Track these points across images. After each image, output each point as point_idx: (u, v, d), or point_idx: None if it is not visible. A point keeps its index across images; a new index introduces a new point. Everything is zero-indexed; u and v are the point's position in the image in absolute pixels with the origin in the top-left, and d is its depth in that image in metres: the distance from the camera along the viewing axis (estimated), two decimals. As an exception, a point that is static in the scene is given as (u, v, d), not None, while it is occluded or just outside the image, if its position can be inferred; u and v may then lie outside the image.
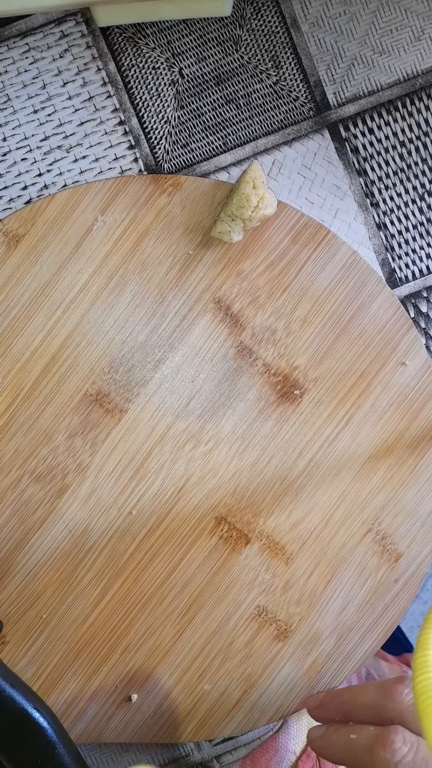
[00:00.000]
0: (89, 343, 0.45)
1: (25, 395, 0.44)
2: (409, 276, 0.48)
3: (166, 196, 0.44)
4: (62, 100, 0.46)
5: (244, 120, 0.47)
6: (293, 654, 0.46)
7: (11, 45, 0.45)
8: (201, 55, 0.46)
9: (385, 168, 0.47)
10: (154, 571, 0.46)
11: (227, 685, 0.46)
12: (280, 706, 0.47)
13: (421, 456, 0.46)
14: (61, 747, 0.37)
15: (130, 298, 0.45)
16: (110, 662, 0.46)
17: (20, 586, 0.45)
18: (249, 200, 0.41)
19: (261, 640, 0.46)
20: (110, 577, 0.45)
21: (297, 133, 0.47)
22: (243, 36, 0.46)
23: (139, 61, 0.46)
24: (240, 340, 0.45)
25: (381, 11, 0.46)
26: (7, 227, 0.44)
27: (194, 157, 0.47)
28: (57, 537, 0.45)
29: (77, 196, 0.44)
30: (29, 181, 0.46)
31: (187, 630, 0.46)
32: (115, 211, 0.44)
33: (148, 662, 0.46)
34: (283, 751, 0.48)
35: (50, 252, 0.44)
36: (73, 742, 0.37)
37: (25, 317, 0.44)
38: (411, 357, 0.45)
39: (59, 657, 0.46)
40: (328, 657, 0.47)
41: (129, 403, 0.45)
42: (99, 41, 0.45)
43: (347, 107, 0.47)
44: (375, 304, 0.45)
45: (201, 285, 0.45)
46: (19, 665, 0.45)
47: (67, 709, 0.46)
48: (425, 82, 0.47)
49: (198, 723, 0.47)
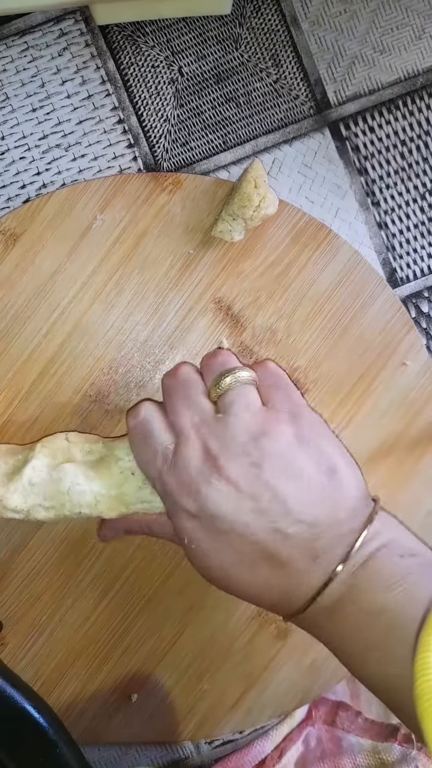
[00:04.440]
0: (89, 344, 0.44)
1: (23, 396, 0.44)
2: (410, 276, 0.47)
3: (166, 195, 0.44)
4: (61, 99, 0.45)
5: (244, 118, 0.46)
6: (293, 653, 0.46)
7: (10, 43, 0.45)
8: (200, 53, 0.46)
9: (386, 167, 0.47)
10: (154, 572, 0.46)
11: (227, 684, 0.47)
12: (279, 705, 0.47)
13: (420, 456, 0.46)
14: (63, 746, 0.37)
15: (130, 298, 0.44)
16: (110, 663, 0.46)
17: (20, 587, 0.45)
18: (251, 199, 0.41)
19: (261, 639, 0.46)
20: (110, 578, 0.45)
21: (297, 132, 0.46)
22: (243, 34, 0.46)
23: (138, 59, 0.46)
24: (240, 340, 0.45)
25: (381, 10, 0.46)
26: (5, 226, 0.44)
27: (194, 156, 0.46)
28: (57, 538, 0.45)
29: (76, 195, 0.44)
30: (27, 179, 0.46)
31: (187, 630, 0.46)
32: (114, 210, 0.44)
33: (148, 663, 0.46)
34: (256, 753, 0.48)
35: (49, 251, 0.44)
36: (74, 741, 0.37)
37: (23, 317, 0.44)
38: (412, 357, 0.45)
39: (59, 658, 0.46)
40: (328, 655, 0.46)
41: (129, 404, 0.45)
42: (98, 39, 0.45)
43: (348, 106, 0.46)
44: (376, 304, 0.45)
45: (201, 285, 0.44)
46: (19, 666, 0.45)
47: (67, 710, 0.46)
48: (426, 80, 0.46)
49: (198, 722, 0.47)
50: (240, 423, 0.35)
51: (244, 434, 0.35)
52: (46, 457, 0.39)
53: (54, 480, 0.38)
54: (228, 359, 0.38)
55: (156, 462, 0.36)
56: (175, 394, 0.37)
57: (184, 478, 0.35)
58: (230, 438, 0.35)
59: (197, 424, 0.36)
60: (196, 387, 0.37)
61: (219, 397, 0.37)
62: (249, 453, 0.34)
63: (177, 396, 0.37)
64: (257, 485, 0.34)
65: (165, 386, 0.38)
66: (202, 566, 0.36)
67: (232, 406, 0.36)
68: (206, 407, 0.36)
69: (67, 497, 0.38)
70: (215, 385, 0.37)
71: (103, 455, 0.39)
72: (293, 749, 0.47)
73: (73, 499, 0.38)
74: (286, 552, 0.34)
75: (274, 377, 0.38)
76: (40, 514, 0.39)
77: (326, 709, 0.48)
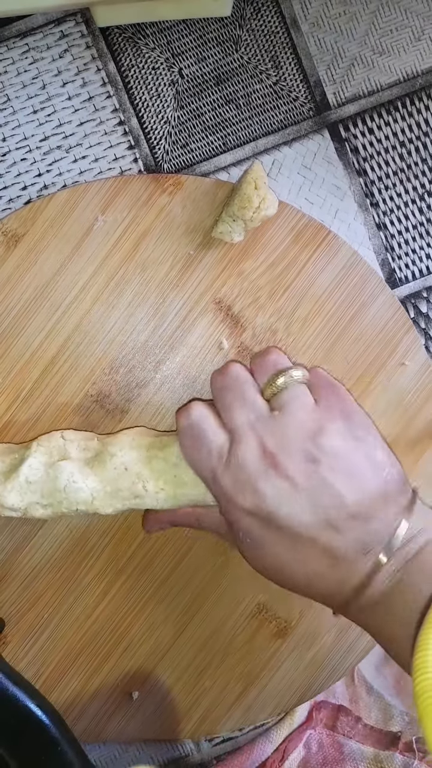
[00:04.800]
0: (90, 344, 0.45)
1: (25, 396, 0.44)
2: (409, 276, 0.48)
3: (167, 196, 0.44)
4: (62, 101, 0.46)
5: (243, 120, 0.47)
6: (293, 650, 0.47)
7: (11, 45, 0.45)
8: (201, 55, 0.46)
9: (385, 168, 0.47)
10: (155, 571, 0.46)
11: (227, 681, 0.47)
12: (279, 702, 0.47)
13: (419, 455, 0.46)
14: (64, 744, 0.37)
15: (131, 299, 0.45)
16: (111, 661, 0.46)
17: (22, 586, 0.45)
18: (251, 201, 0.41)
19: (261, 637, 0.47)
20: (111, 577, 0.46)
21: (297, 134, 0.47)
22: (243, 36, 0.46)
23: (138, 61, 0.46)
24: (241, 340, 0.45)
25: (381, 11, 0.46)
26: (7, 227, 0.44)
27: (194, 158, 0.47)
28: (58, 537, 0.45)
29: (77, 196, 0.44)
30: (29, 181, 0.46)
31: (188, 628, 0.46)
32: (115, 211, 0.44)
33: (149, 660, 0.46)
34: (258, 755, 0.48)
35: (50, 252, 0.44)
36: (76, 739, 0.37)
37: (25, 317, 0.44)
38: (411, 357, 0.46)
39: (61, 656, 0.46)
40: (328, 652, 0.47)
41: (130, 404, 0.45)
42: (99, 41, 0.45)
43: (347, 107, 0.47)
44: (375, 304, 0.45)
45: (202, 285, 0.45)
46: (21, 664, 0.46)
47: (68, 708, 0.46)
48: (425, 82, 0.47)
49: (198, 719, 0.47)
50: (296, 421, 0.36)
51: (300, 432, 0.36)
52: (43, 455, 0.39)
53: (50, 478, 0.38)
54: (280, 358, 0.38)
55: (210, 461, 0.37)
56: (228, 392, 0.38)
57: (241, 476, 0.36)
58: (287, 436, 0.35)
59: (253, 423, 0.36)
60: (251, 385, 0.38)
61: (273, 395, 0.37)
62: (306, 450, 0.35)
63: (230, 394, 0.37)
64: (314, 481, 0.35)
65: (216, 384, 0.38)
66: (256, 560, 0.37)
67: (287, 404, 0.36)
68: (261, 405, 0.37)
69: (63, 494, 0.38)
70: (269, 383, 0.37)
71: (99, 452, 0.40)
72: (295, 753, 0.47)
73: (70, 496, 0.38)
74: (340, 546, 0.35)
75: (323, 378, 0.38)
76: (37, 511, 0.39)
77: (327, 713, 0.48)
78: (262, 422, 0.36)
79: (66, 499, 0.38)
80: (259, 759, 0.48)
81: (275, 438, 0.36)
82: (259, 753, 0.48)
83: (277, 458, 0.35)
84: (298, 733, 0.48)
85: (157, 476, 0.39)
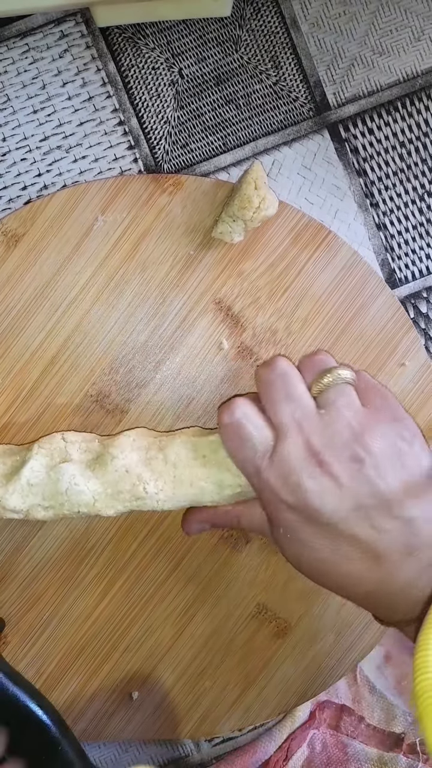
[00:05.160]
0: (90, 344, 0.45)
1: (25, 396, 0.44)
2: (409, 276, 0.48)
3: (167, 196, 0.44)
4: (62, 101, 0.46)
5: (243, 120, 0.47)
6: (292, 651, 0.47)
7: (11, 45, 0.45)
8: (201, 55, 0.46)
9: (385, 168, 0.47)
10: (155, 571, 0.46)
11: (227, 681, 0.47)
12: (279, 702, 0.47)
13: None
14: (65, 744, 0.37)
15: (131, 299, 0.45)
16: (111, 661, 0.46)
17: (22, 586, 0.45)
18: (251, 201, 0.41)
19: (261, 637, 0.47)
20: (112, 577, 0.46)
21: (297, 134, 0.47)
22: (243, 36, 0.46)
23: (138, 61, 0.46)
24: (241, 340, 0.45)
25: (381, 11, 0.46)
26: (7, 227, 0.44)
27: (194, 158, 0.47)
28: (58, 537, 0.45)
29: (77, 196, 0.44)
30: (29, 181, 0.46)
31: (188, 628, 0.46)
32: (115, 211, 0.44)
33: (149, 660, 0.46)
34: (261, 753, 0.48)
35: (50, 252, 0.44)
36: (76, 739, 0.38)
37: (25, 317, 0.44)
38: (410, 357, 0.46)
39: (61, 656, 0.46)
40: (327, 653, 0.47)
41: (130, 404, 0.45)
42: (98, 41, 0.45)
43: (347, 108, 0.47)
44: (375, 304, 0.45)
45: (202, 285, 0.45)
46: (21, 664, 0.46)
47: (68, 708, 0.46)
48: (425, 82, 0.47)
49: (198, 719, 0.47)
50: (343, 420, 0.36)
51: (347, 431, 0.36)
52: (44, 458, 0.39)
53: (52, 480, 0.38)
54: (327, 358, 0.38)
55: (255, 458, 0.37)
56: (274, 387, 0.37)
57: (285, 472, 0.36)
58: (333, 434, 0.35)
59: (299, 419, 0.36)
60: (298, 381, 0.37)
61: (320, 393, 0.37)
62: (351, 449, 0.35)
63: (277, 390, 0.37)
64: (359, 481, 0.35)
65: (262, 378, 0.38)
66: (297, 557, 0.37)
67: (334, 403, 0.36)
68: (308, 403, 0.37)
69: (65, 497, 0.38)
70: (316, 381, 0.37)
71: (99, 453, 0.40)
72: (299, 752, 0.47)
73: (72, 498, 0.38)
74: (382, 546, 0.35)
75: (370, 381, 0.39)
76: (39, 513, 0.39)
77: (331, 713, 0.48)
78: (309, 419, 0.36)
79: (68, 501, 0.38)
80: (263, 757, 0.48)
81: (321, 436, 0.36)
82: (263, 751, 0.48)
83: (322, 456, 0.35)
84: (301, 732, 0.48)
85: (156, 477, 0.39)
